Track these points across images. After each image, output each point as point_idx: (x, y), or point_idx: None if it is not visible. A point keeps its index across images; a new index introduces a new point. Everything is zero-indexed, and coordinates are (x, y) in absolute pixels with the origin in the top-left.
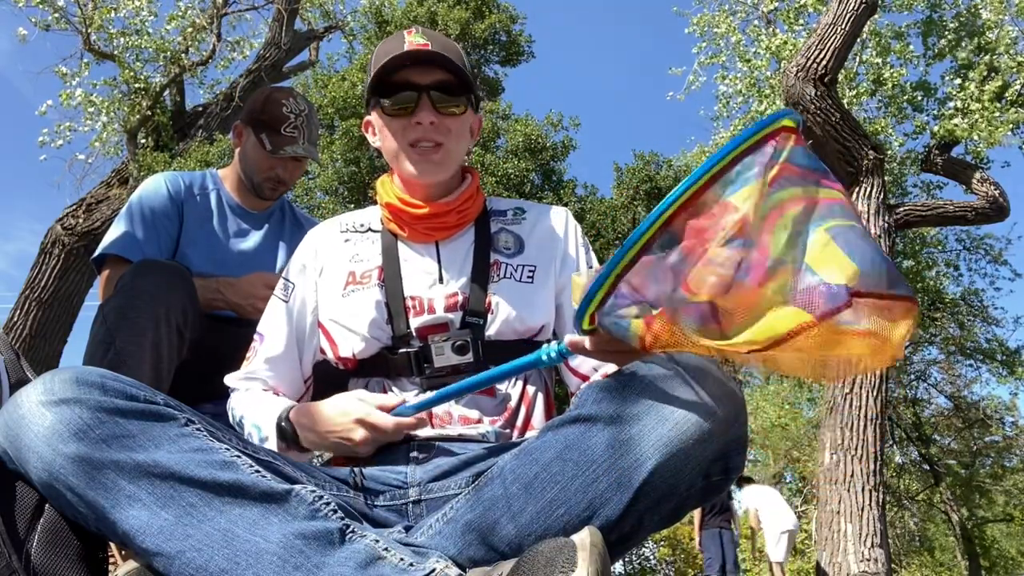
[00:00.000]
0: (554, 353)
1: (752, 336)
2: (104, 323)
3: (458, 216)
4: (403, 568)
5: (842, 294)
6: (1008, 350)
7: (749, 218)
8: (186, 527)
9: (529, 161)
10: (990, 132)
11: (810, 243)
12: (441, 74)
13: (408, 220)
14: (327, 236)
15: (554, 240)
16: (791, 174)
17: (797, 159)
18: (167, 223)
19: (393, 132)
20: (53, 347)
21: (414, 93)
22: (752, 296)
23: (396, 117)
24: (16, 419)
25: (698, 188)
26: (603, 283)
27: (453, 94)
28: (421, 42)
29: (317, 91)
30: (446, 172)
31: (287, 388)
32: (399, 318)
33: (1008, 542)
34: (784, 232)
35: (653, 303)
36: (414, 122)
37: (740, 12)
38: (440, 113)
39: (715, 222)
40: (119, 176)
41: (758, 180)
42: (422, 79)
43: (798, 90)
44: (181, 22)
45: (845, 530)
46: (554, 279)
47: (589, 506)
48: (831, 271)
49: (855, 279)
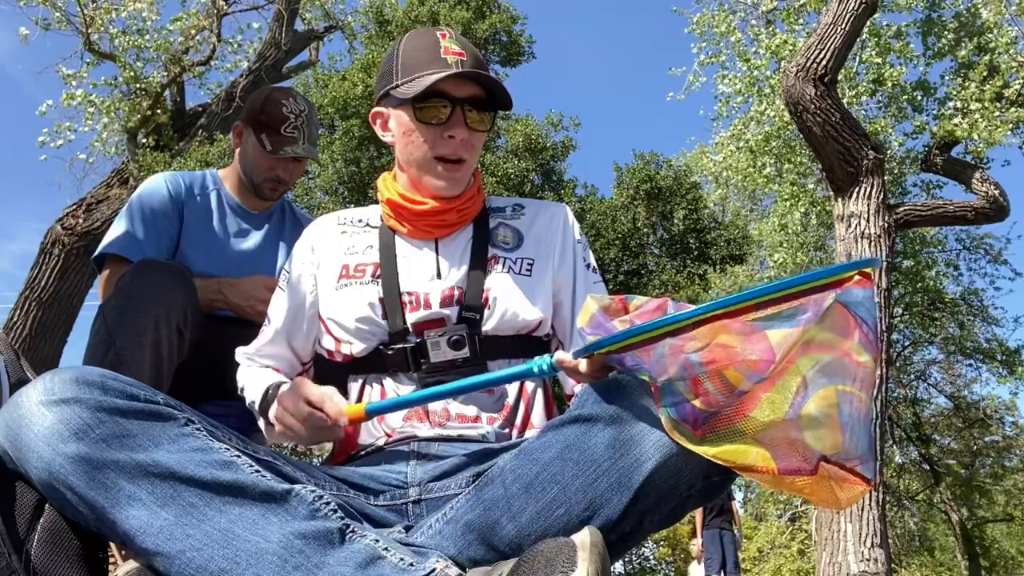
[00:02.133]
0: (546, 366)
1: (719, 452)
2: (104, 323)
3: (459, 214)
4: (403, 568)
5: (812, 460)
6: (1008, 350)
7: (774, 360)
8: (186, 527)
9: (529, 161)
10: (990, 132)
11: (815, 395)
12: (475, 88)
13: (409, 216)
14: (324, 230)
15: (552, 235)
16: (840, 319)
17: (857, 308)
18: (167, 223)
19: (423, 140)
20: (53, 347)
21: (449, 104)
22: (736, 417)
23: (426, 124)
24: (16, 419)
25: (748, 306)
26: (617, 343)
27: (484, 110)
28: (456, 49)
29: (317, 91)
30: (464, 186)
31: (285, 371)
32: (395, 314)
33: (1008, 542)
34: (797, 377)
35: (653, 375)
36: (446, 135)
37: (740, 12)
38: (471, 129)
39: (743, 346)
40: (119, 176)
41: (802, 328)
42: (458, 91)
43: (798, 90)
44: (184, 23)
45: (845, 530)
46: (552, 273)
47: (589, 506)
48: (817, 436)
49: (834, 450)
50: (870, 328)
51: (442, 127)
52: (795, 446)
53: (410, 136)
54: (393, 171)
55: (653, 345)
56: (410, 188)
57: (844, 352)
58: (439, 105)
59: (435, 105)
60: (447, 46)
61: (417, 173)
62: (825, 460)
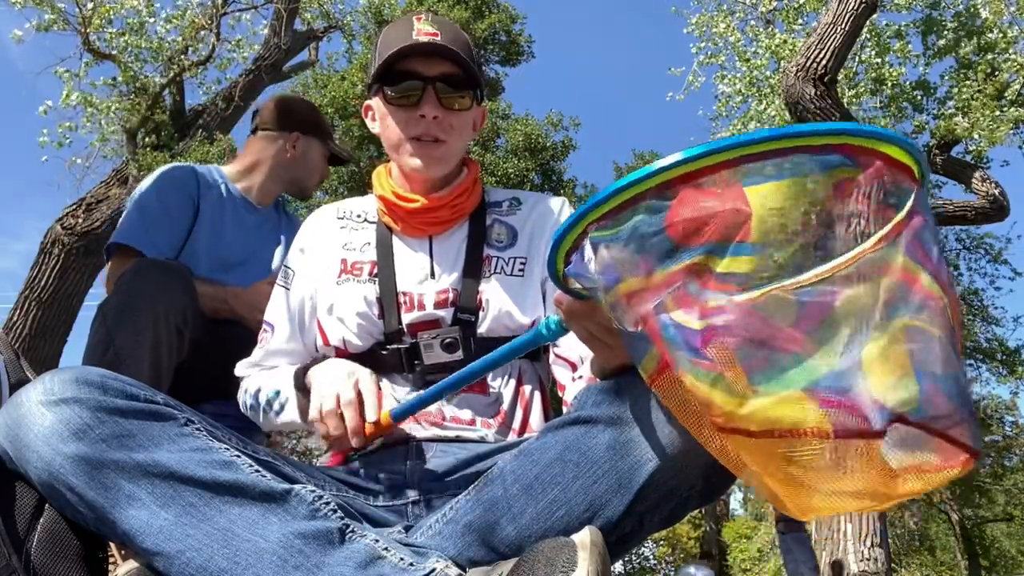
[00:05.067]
0: (554, 325)
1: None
2: (103, 322)
3: (452, 211)
4: (403, 567)
5: (880, 420)
6: (1008, 350)
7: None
8: (186, 527)
9: (529, 161)
10: (990, 131)
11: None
12: (448, 66)
13: (401, 215)
14: (324, 221)
15: (546, 230)
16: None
17: (929, 219)
18: (184, 212)
19: (396, 122)
20: (53, 347)
21: (419, 84)
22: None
23: (399, 107)
24: (16, 419)
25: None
26: (571, 229)
27: (459, 88)
28: (430, 30)
29: (317, 91)
30: (446, 167)
31: None
32: (391, 314)
33: (1008, 542)
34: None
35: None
36: (418, 115)
37: (739, 12)
38: (444, 107)
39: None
40: (119, 176)
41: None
42: (428, 70)
43: (798, 90)
44: (180, 22)
45: (845, 530)
46: (542, 270)
47: (589, 507)
48: (886, 384)
49: (908, 406)
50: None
51: (415, 107)
52: (858, 402)
53: (385, 120)
54: (388, 164)
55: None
56: (402, 182)
57: (912, 278)
58: (408, 85)
59: (404, 85)
60: (420, 27)
61: (397, 157)
62: (903, 421)
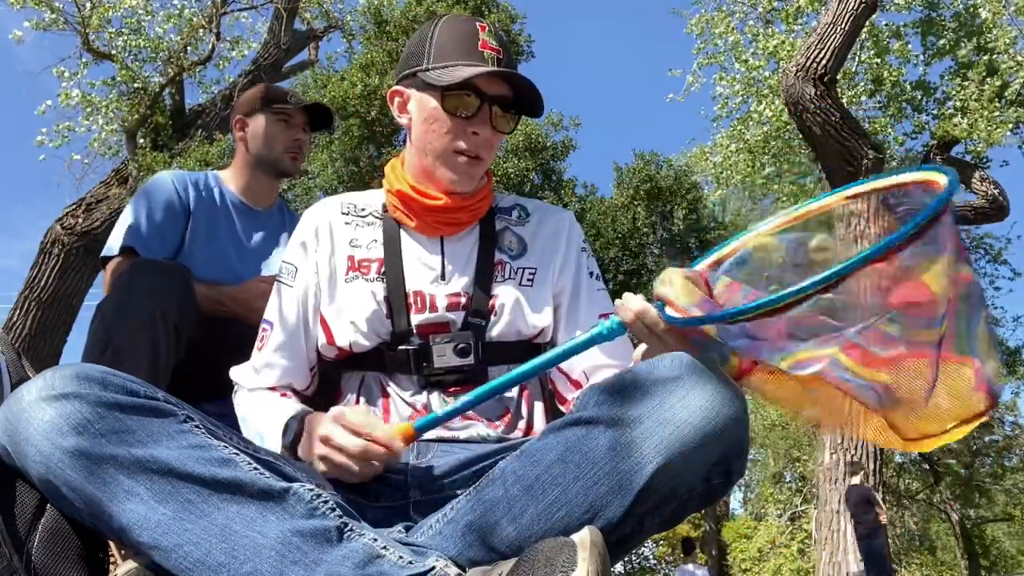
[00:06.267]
0: (615, 326)
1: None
2: (101, 322)
3: (470, 214)
4: (402, 566)
5: (1000, 390)
6: (1008, 350)
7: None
8: (183, 522)
9: (529, 161)
10: (989, 132)
11: (978, 331)
12: (506, 89)
13: (418, 210)
14: (327, 215)
15: (555, 244)
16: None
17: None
18: (174, 220)
19: (446, 131)
20: (53, 347)
21: (477, 101)
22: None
23: (452, 115)
24: (16, 414)
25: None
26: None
27: (510, 111)
28: (494, 45)
29: (316, 91)
30: (476, 184)
31: (296, 378)
32: (400, 314)
33: (1008, 541)
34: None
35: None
36: (470, 130)
37: (738, 12)
38: (495, 129)
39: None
40: (118, 176)
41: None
42: (489, 88)
43: (798, 90)
44: (179, 21)
45: (845, 530)
46: (552, 282)
47: (590, 508)
48: (994, 362)
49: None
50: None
51: (467, 121)
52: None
53: (432, 124)
54: (402, 156)
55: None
56: (421, 178)
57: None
58: (469, 98)
59: (465, 97)
60: (485, 39)
61: (432, 162)
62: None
